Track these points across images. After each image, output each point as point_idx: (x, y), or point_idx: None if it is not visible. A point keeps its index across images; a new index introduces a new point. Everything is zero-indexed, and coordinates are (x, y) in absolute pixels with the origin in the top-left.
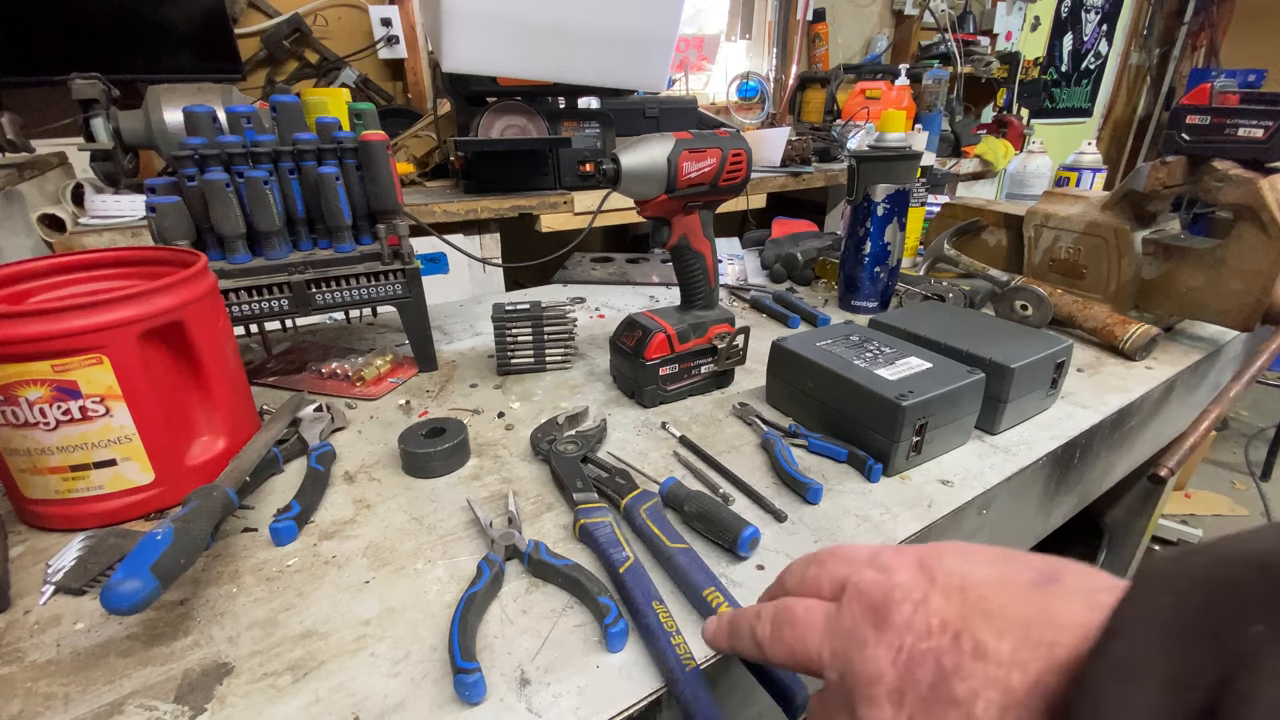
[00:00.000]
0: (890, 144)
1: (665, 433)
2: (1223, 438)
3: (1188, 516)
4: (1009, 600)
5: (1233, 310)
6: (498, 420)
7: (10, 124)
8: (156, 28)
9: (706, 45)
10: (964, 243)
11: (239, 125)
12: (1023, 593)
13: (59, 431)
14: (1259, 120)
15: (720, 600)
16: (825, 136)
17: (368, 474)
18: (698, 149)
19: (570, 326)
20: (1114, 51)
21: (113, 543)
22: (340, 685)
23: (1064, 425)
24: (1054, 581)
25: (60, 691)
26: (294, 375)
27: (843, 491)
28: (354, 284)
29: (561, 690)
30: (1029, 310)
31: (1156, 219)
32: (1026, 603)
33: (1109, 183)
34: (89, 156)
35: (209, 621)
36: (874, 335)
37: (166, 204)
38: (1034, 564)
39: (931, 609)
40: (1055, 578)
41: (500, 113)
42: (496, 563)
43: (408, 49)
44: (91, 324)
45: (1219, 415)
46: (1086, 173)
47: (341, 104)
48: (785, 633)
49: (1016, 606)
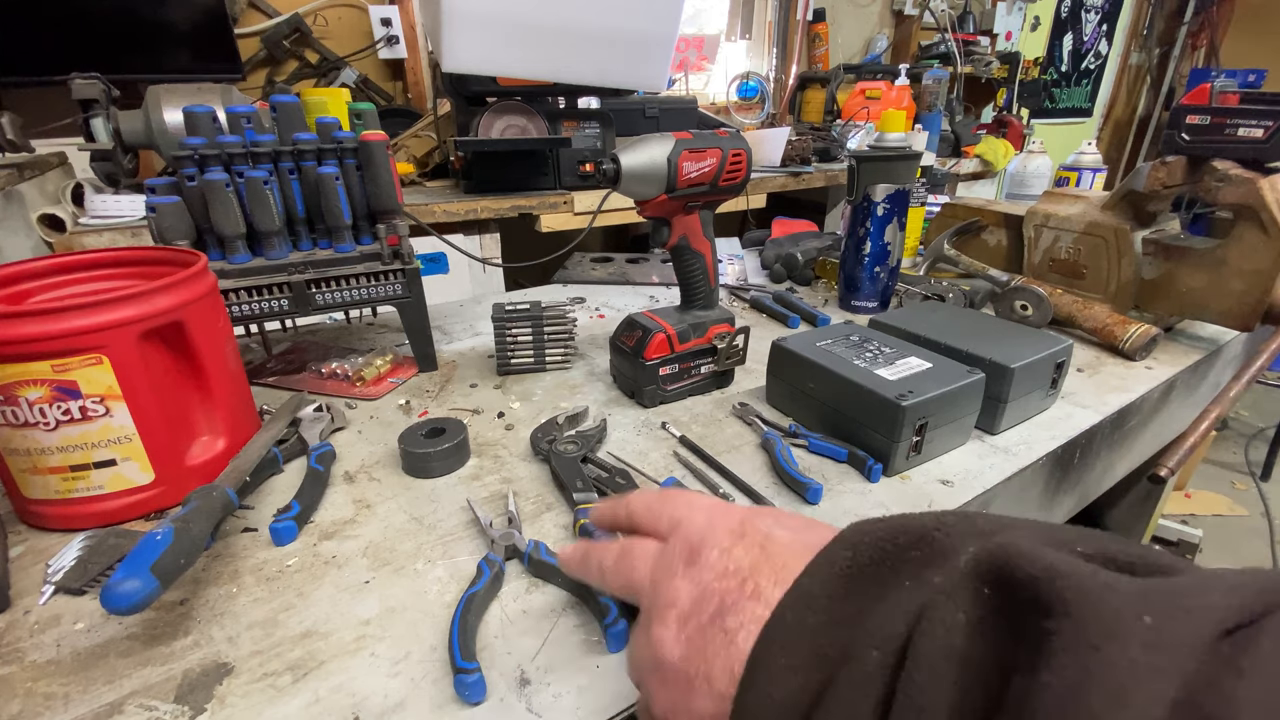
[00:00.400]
0: (890, 144)
1: (665, 433)
2: (1223, 438)
3: (1188, 516)
4: (793, 558)
5: (1233, 310)
6: (498, 420)
7: (10, 124)
8: (156, 28)
9: (706, 45)
10: (964, 243)
11: (239, 125)
12: (804, 551)
13: (59, 431)
14: (1259, 120)
15: None
16: (825, 136)
17: (368, 474)
18: (698, 149)
19: (570, 326)
20: (1114, 51)
21: (113, 543)
22: (340, 685)
23: (1064, 425)
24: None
25: (60, 691)
26: (294, 375)
27: (843, 491)
28: (354, 284)
29: (561, 690)
30: (1029, 310)
31: (1156, 219)
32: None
33: (1109, 183)
34: (89, 156)
35: (209, 621)
36: (874, 335)
37: (166, 204)
38: (823, 532)
39: (732, 557)
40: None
41: (500, 113)
42: (496, 563)
43: (408, 49)
44: (91, 324)
45: (1219, 415)
46: (1086, 173)
47: (341, 104)
48: (623, 564)
49: (795, 562)
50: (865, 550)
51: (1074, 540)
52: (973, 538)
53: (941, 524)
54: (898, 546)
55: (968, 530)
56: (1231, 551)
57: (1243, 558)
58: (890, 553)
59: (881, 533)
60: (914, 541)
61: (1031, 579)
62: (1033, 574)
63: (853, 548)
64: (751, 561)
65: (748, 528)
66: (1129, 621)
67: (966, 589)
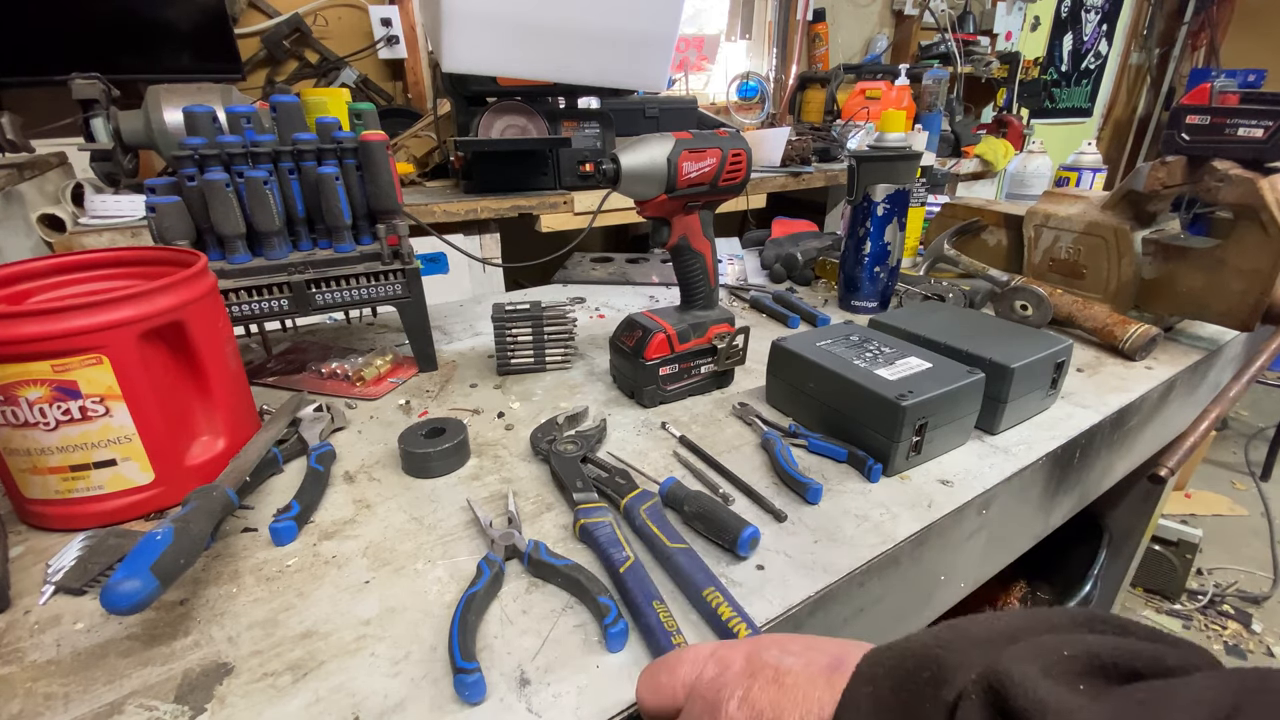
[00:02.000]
0: (890, 144)
1: (665, 433)
2: (1223, 438)
3: (1188, 516)
4: (809, 688)
5: (1233, 310)
6: (498, 420)
7: (10, 124)
8: (156, 28)
9: (706, 45)
10: (964, 243)
11: (239, 125)
12: (818, 678)
13: (59, 431)
14: (1259, 120)
15: (720, 600)
16: (825, 136)
17: (368, 474)
18: (698, 149)
19: (570, 326)
20: (1114, 51)
21: (113, 543)
22: (340, 685)
23: (1064, 425)
24: (839, 667)
25: (60, 691)
26: (294, 375)
27: (843, 491)
28: (354, 284)
29: (561, 690)
30: (1029, 310)
31: (1156, 219)
32: (820, 689)
33: (1109, 183)
34: (89, 156)
35: (209, 621)
36: (874, 335)
37: (166, 204)
38: (830, 650)
39: (752, 699)
40: (841, 662)
41: (500, 113)
42: (496, 563)
43: (408, 49)
44: (91, 324)
45: (1219, 415)
46: (1086, 173)
47: (341, 104)
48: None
49: (814, 693)
50: (884, 682)
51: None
52: (974, 650)
53: (940, 641)
54: (908, 672)
55: (965, 643)
56: (1231, 551)
57: (1243, 558)
58: (904, 680)
59: (892, 661)
60: (921, 664)
61: (1025, 713)
62: (1026, 708)
63: (872, 682)
64: (771, 700)
65: (755, 664)
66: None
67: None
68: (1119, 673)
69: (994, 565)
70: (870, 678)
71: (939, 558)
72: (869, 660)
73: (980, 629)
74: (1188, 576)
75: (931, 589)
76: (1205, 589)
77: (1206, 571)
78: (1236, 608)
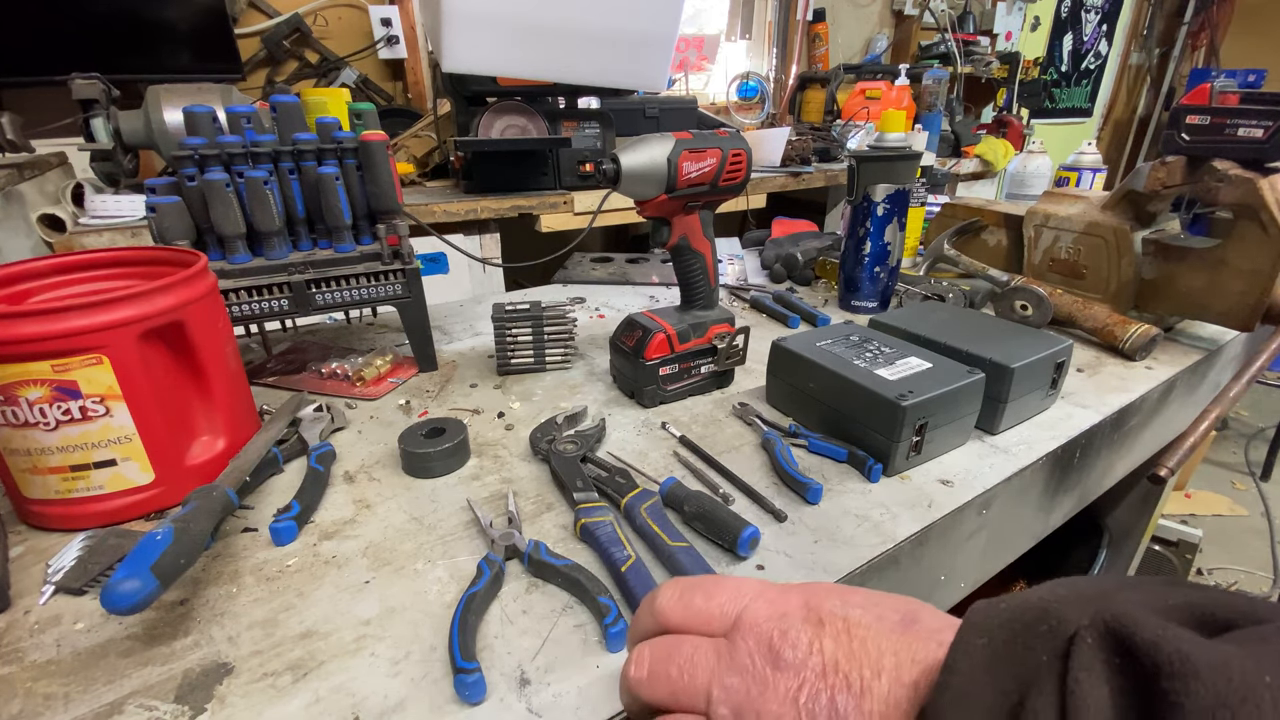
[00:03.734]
0: (890, 144)
1: (665, 433)
2: (1223, 438)
3: (1188, 516)
4: (884, 642)
5: (1233, 310)
6: (498, 420)
7: (10, 124)
8: (156, 28)
9: (706, 45)
10: (964, 243)
11: (239, 125)
12: (892, 634)
13: (59, 431)
14: (1259, 120)
15: None
16: (825, 136)
17: (368, 474)
18: (698, 149)
19: (570, 326)
20: (1114, 51)
21: (113, 543)
22: (340, 685)
23: (1064, 425)
24: (914, 623)
25: (60, 691)
26: (294, 375)
27: (843, 491)
28: (354, 284)
29: (561, 690)
30: (1029, 310)
31: (1156, 219)
32: (896, 643)
33: (1109, 183)
34: (89, 156)
35: (209, 621)
36: (874, 335)
37: (166, 204)
38: (899, 606)
39: (824, 649)
40: (915, 619)
41: (500, 113)
42: (496, 563)
43: (408, 49)
44: (91, 324)
45: (1219, 415)
46: (1086, 173)
47: (341, 104)
48: (671, 669)
49: (890, 647)
50: (999, 633)
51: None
52: (1086, 602)
53: (1055, 596)
54: (1026, 624)
55: (1078, 598)
56: (1231, 552)
57: (1243, 558)
58: (1021, 631)
59: (1008, 613)
60: (1040, 617)
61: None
62: (1151, 639)
63: (986, 633)
64: (845, 652)
65: (821, 612)
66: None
67: (1098, 661)
68: (1218, 622)
69: (994, 565)
70: (984, 629)
71: (939, 558)
72: (981, 612)
73: (1088, 585)
74: (1188, 576)
75: (931, 589)
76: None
77: (1206, 571)
78: None
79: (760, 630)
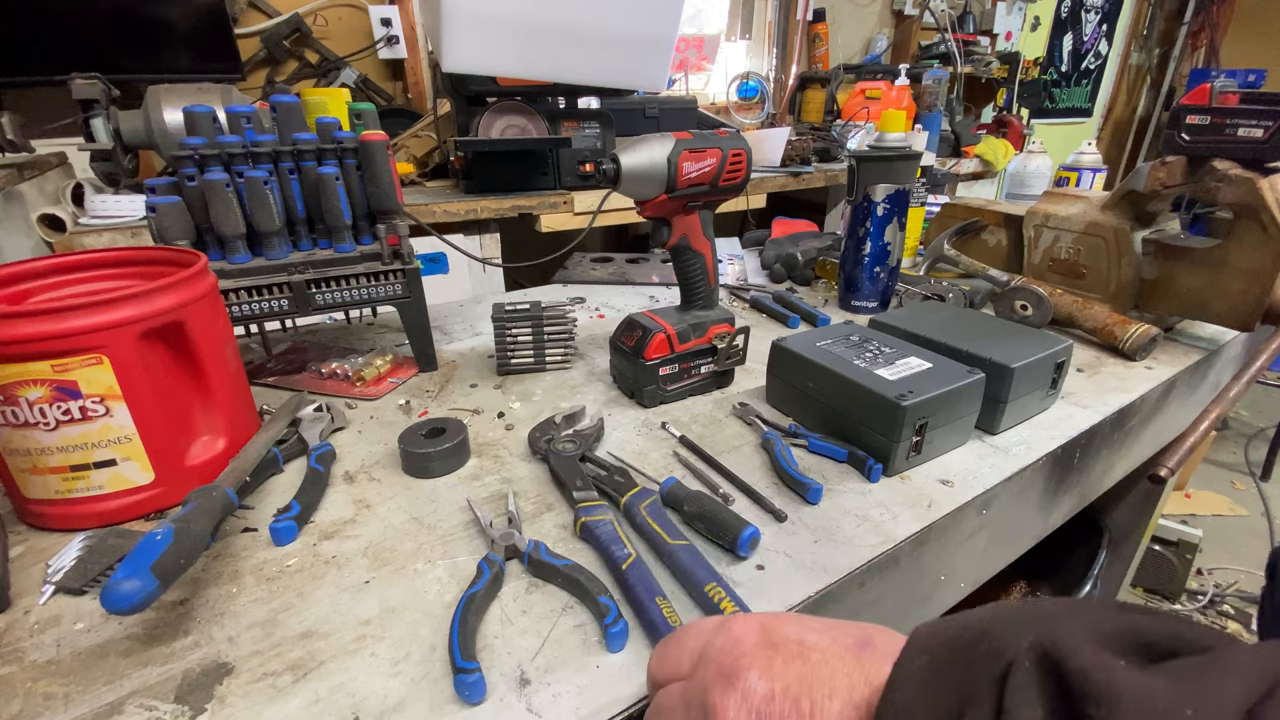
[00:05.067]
0: (890, 144)
1: (665, 433)
2: (1223, 438)
3: (1188, 516)
4: (837, 664)
5: (1233, 310)
6: (498, 420)
7: (10, 124)
8: (156, 28)
9: (706, 45)
10: (964, 243)
11: (239, 125)
12: (846, 655)
13: (59, 431)
14: (1259, 120)
15: (722, 595)
16: (825, 136)
17: (368, 474)
18: (698, 149)
19: (570, 326)
20: (1114, 51)
21: (113, 543)
22: (340, 685)
23: (1064, 425)
24: (869, 645)
25: (60, 691)
26: (294, 375)
27: (843, 491)
28: (354, 284)
29: (561, 690)
30: (1029, 310)
31: (1156, 219)
32: (850, 666)
33: (1109, 183)
34: (89, 156)
35: (209, 621)
36: (874, 335)
37: (166, 204)
38: (854, 631)
39: (776, 673)
40: (869, 641)
41: (500, 113)
42: (496, 563)
43: (408, 49)
44: (91, 324)
45: (1219, 415)
46: (1086, 173)
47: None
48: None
49: (842, 669)
50: (941, 652)
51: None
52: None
53: (995, 616)
54: (966, 644)
55: (1018, 620)
56: (1232, 551)
57: (1243, 558)
58: (962, 650)
59: (949, 633)
60: (979, 637)
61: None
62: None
63: (928, 652)
64: (797, 675)
65: (775, 638)
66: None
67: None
68: (1159, 650)
69: (994, 565)
70: (926, 648)
71: (939, 558)
72: (924, 633)
73: (1030, 609)
74: (1188, 576)
75: (931, 589)
76: (1205, 589)
77: (1206, 571)
78: (1236, 608)
79: (719, 661)
